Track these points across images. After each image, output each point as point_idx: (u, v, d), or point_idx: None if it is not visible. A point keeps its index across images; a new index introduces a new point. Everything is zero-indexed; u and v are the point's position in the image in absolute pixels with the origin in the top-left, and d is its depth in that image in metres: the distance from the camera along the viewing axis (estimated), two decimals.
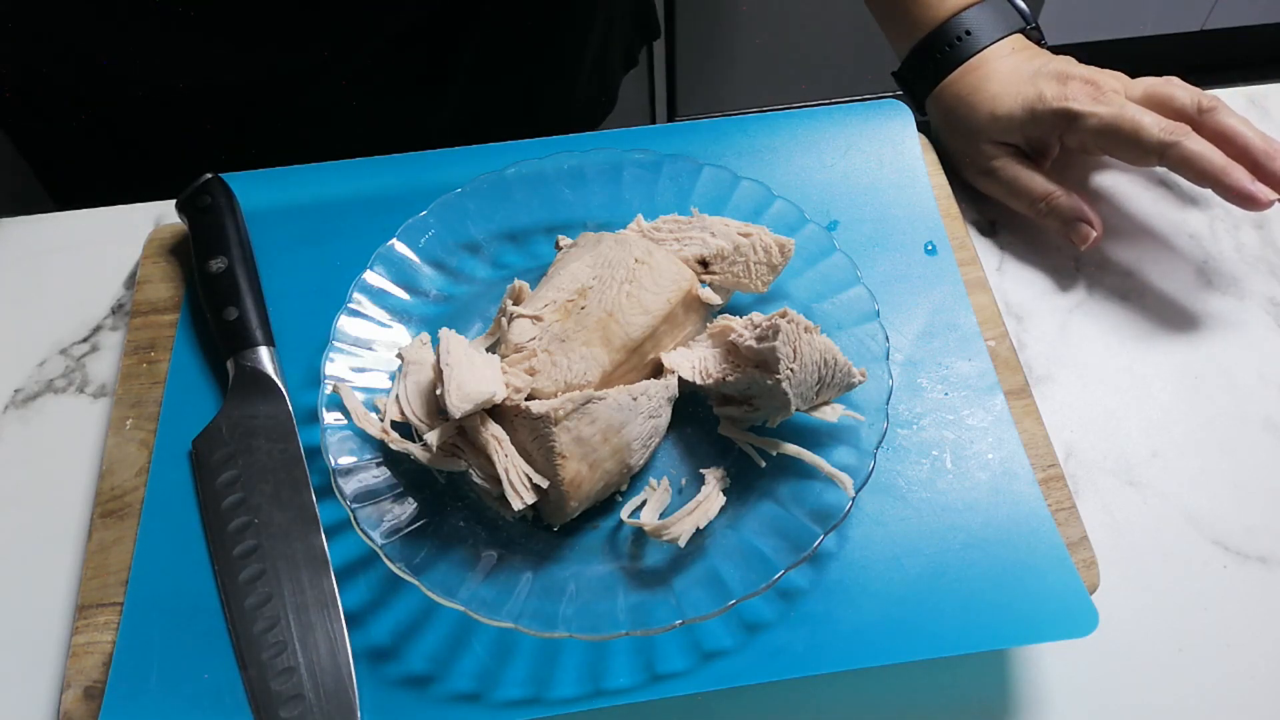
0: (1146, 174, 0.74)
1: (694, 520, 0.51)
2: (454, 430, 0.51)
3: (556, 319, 0.55)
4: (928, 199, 0.67)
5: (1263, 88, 0.80)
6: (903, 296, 0.63)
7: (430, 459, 0.51)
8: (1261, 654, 0.54)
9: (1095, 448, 0.61)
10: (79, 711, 0.50)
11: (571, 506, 0.51)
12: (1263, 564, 0.57)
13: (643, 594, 0.51)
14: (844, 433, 0.55)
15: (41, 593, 0.56)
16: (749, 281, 0.59)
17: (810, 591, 0.52)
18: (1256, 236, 0.71)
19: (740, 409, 0.55)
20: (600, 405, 0.51)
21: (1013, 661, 0.54)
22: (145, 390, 0.61)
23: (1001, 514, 0.54)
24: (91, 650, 0.52)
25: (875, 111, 0.72)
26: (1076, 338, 0.66)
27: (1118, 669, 0.54)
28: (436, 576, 0.49)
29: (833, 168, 0.69)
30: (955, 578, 0.52)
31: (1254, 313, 0.67)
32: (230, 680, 0.50)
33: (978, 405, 0.58)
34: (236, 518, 0.54)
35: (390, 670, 0.50)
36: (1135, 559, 0.57)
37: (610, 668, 0.50)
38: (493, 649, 0.50)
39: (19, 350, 0.66)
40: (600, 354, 0.54)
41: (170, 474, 0.57)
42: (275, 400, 0.58)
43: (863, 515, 0.55)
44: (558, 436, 0.50)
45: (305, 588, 0.52)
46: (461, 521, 0.53)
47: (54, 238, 0.71)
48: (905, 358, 0.60)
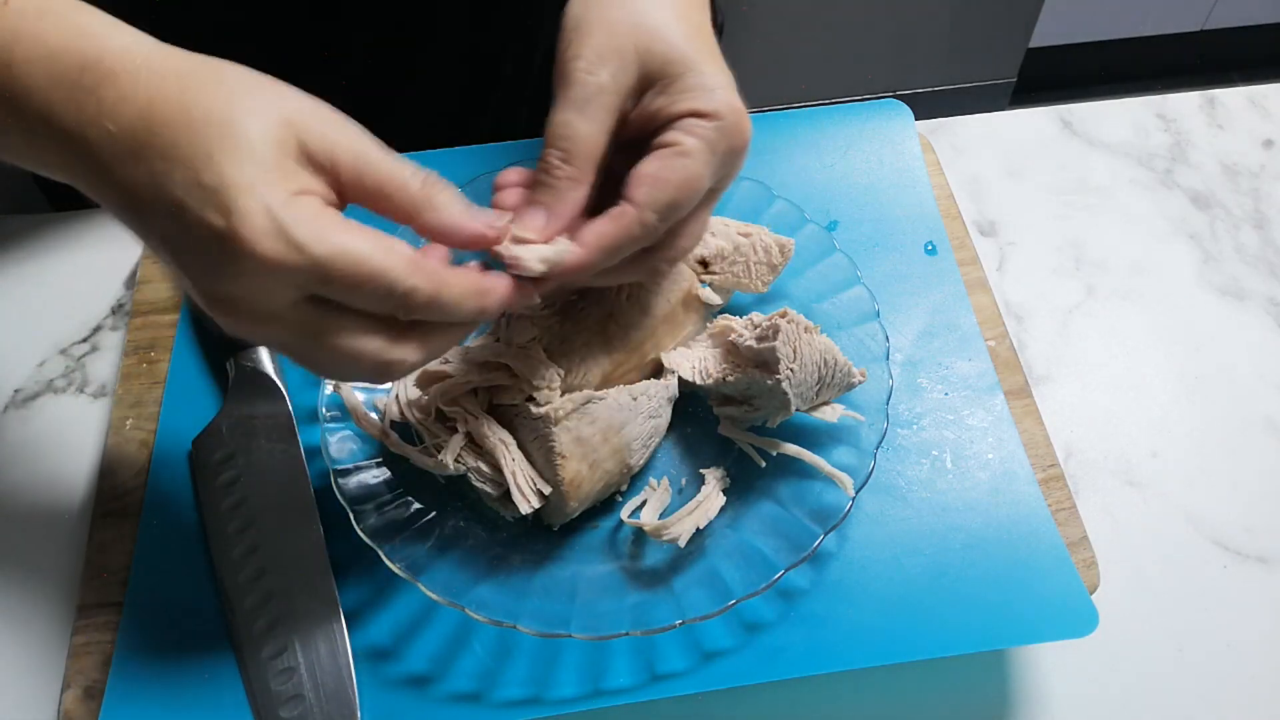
0: (1146, 174, 0.74)
1: (694, 520, 0.51)
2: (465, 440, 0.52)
3: (556, 319, 0.55)
4: (928, 199, 0.67)
5: (1263, 88, 0.80)
6: (903, 296, 0.63)
7: (433, 465, 0.51)
8: (1261, 654, 0.54)
9: (1095, 448, 0.61)
10: (79, 711, 0.50)
11: (571, 506, 0.51)
12: (1263, 564, 0.57)
13: (643, 594, 0.51)
14: (844, 433, 0.55)
15: (41, 593, 0.56)
16: (749, 281, 0.59)
17: (810, 591, 0.52)
18: (1256, 236, 0.71)
19: (740, 409, 0.55)
20: (600, 405, 0.51)
21: (1013, 661, 0.54)
22: (145, 390, 0.61)
23: (1001, 514, 0.54)
24: (91, 650, 0.52)
25: (875, 111, 0.72)
26: (1076, 338, 0.66)
27: (1118, 669, 0.54)
28: (436, 576, 0.49)
29: (833, 168, 0.69)
30: (955, 578, 0.52)
31: (1254, 313, 0.67)
32: (230, 680, 0.50)
33: (978, 405, 0.58)
34: (236, 518, 0.54)
35: (390, 670, 0.50)
36: (1135, 559, 0.57)
37: (610, 668, 0.50)
38: (493, 649, 0.50)
39: (19, 350, 0.66)
40: (600, 354, 0.54)
41: (170, 474, 0.57)
42: (275, 400, 0.58)
43: (863, 515, 0.55)
44: (558, 436, 0.50)
45: (305, 588, 0.52)
46: (461, 521, 0.53)
47: (54, 238, 0.71)
48: (905, 358, 0.60)
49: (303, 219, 0.37)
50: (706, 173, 0.45)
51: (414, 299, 0.39)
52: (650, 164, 0.44)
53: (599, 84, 0.44)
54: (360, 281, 0.38)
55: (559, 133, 0.44)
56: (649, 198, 0.44)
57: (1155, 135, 0.77)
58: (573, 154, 0.44)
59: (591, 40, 0.45)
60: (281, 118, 0.38)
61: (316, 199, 0.38)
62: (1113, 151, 0.76)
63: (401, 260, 0.39)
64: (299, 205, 0.37)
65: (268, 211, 0.36)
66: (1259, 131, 0.77)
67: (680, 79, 0.45)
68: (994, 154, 0.76)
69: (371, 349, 0.40)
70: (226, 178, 0.36)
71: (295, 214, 0.37)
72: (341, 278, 0.37)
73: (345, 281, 0.38)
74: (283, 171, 0.37)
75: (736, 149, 0.46)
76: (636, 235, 0.44)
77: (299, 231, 0.36)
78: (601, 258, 0.44)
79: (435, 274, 0.40)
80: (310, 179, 0.38)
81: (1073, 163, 0.75)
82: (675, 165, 0.44)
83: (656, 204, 0.44)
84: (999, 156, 0.75)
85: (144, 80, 0.38)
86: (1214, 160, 0.75)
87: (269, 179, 0.37)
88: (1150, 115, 0.78)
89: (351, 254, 0.37)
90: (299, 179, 0.38)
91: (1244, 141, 0.76)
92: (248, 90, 0.39)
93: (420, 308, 0.40)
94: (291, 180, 0.37)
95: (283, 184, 0.37)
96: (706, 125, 0.44)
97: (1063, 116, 0.78)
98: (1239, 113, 0.78)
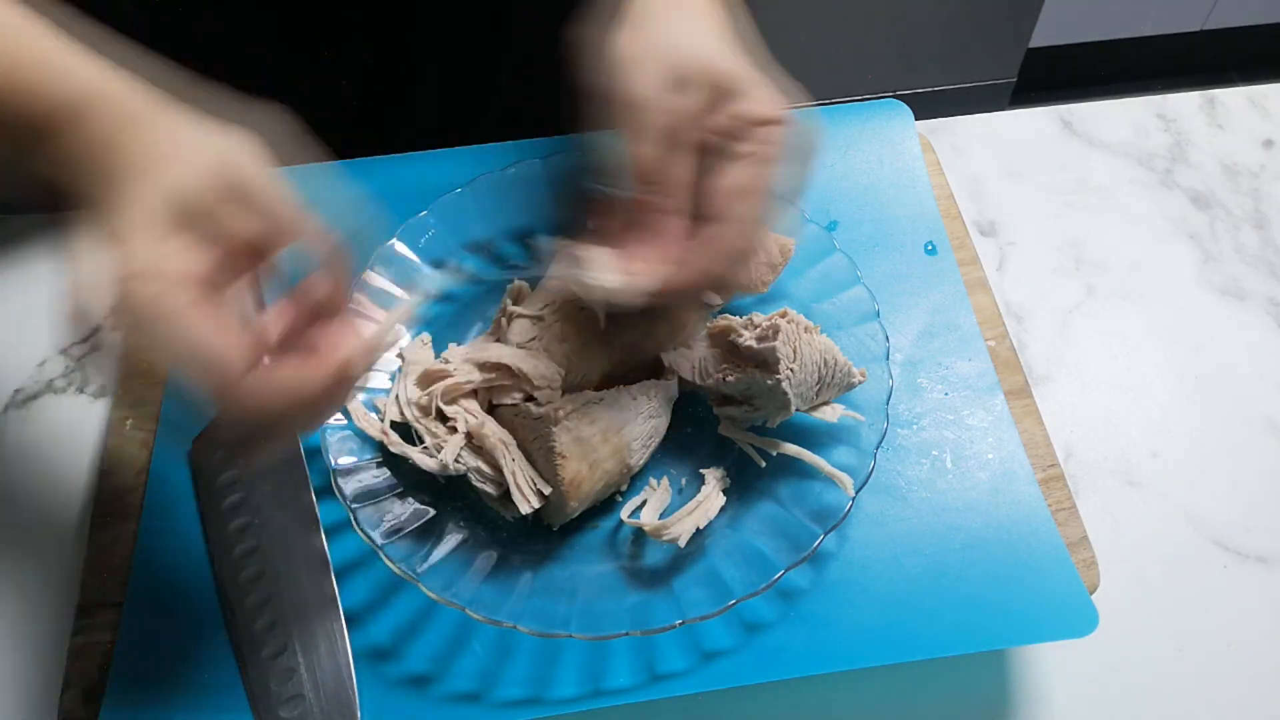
0: (1146, 174, 0.74)
1: (694, 520, 0.51)
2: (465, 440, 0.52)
3: (556, 319, 0.55)
4: (928, 199, 0.67)
5: (1263, 88, 0.80)
6: (903, 296, 0.63)
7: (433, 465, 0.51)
8: (1261, 654, 0.54)
9: (1095, 448, 0.61)
10: (79, 711, 0.50)
11: (571, 506, 0.51)
12: (1263, 564, 0.57)
13: (643, 594, 0.51)
14: (844, 433, 0.55)
15: (41, 593, 0.56)
16: (749, 281, 0.59)
17: (810, 591, 0.52)
18: (1256, 236, 0.71)
19: (740, 409, 0.55)
20: (600, 405, 0.51)
21: (1013, 661, 0.54)
22: (145, 390, 0.61)
23: (1001, 514, 0.54)
24: (91, 650, 0.52)
25: (875, 111, 0.72)
26: (1076, 338, 0.66)
27: (1118, 669, 0.54)
28: (436, 576, 0.49)
29: (833, 168, 0.69)
30: (955, 578, 0.52)
31: (1254, 313, 0.67)
32: (230, 680, 0.50)
33: (978, 405, 0.58)
34: (236, 518, 0.54)
35: (390, 670, 0.50)
36: (1135, 559, 0.57)
37: (610, 668, 0.50)
38: (493, 649, 0.50)
39: (19, 350, 0.66)
40: (600, 354, 0.54)
41: (170, 474, 0.57)
42: None
43: (863, 515, 0.55)
44: (558, 436, 0.50)
45: (305, 588, 0.52)
46: (461, 521, 0.53)
47: (54, 238, 0.71)
48: (905, 358, 0.60)
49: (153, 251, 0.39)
50: (781, 175, 0.46)
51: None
52: (730, 177, 0.45)
53: (677, 112, 0.45)
54: None
55: (653, 168, 0.45)
56: (742, 210, 0.45)
57: (1155, 135, 0.77)
58: (670, 187, 0.45)
59: (652, 71, 0.45)
60: (198, 166, 0.40)
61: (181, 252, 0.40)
62: (1113, 151, 0.76)
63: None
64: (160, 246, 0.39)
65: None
66: (1259, 131, 0.77)
67: (742, 93, 0.45)
68: (994, 154, 0.76)
69: None
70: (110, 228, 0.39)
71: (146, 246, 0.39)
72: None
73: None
74: (154, 232, 0.39)
75: (808, 149, 0.47)
76: (740, 248, 0.46)
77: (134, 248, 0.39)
78: (703, 278, 0.46)
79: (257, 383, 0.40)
80: (181, 242, 0.40)
81: (1073, 163, 0.75)
82: (758, 174, 0.45)
83: (747, 215, 0.45)
84: (999, 156, 0.75)
85: (81, 143, 0.41)
86: (1214, 160, 0.75)
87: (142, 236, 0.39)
88: (1150, 115, 0.78)
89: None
90: (169, 238, 0.40)
91: (1244, 141, 0.76)
92: (167, 148, 0.41)
93: None
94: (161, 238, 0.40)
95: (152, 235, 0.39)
96: (777, 131, 0.45)
97: (1063, 116, 0.78)
98: (1239, 113, 0.78)
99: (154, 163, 0.40)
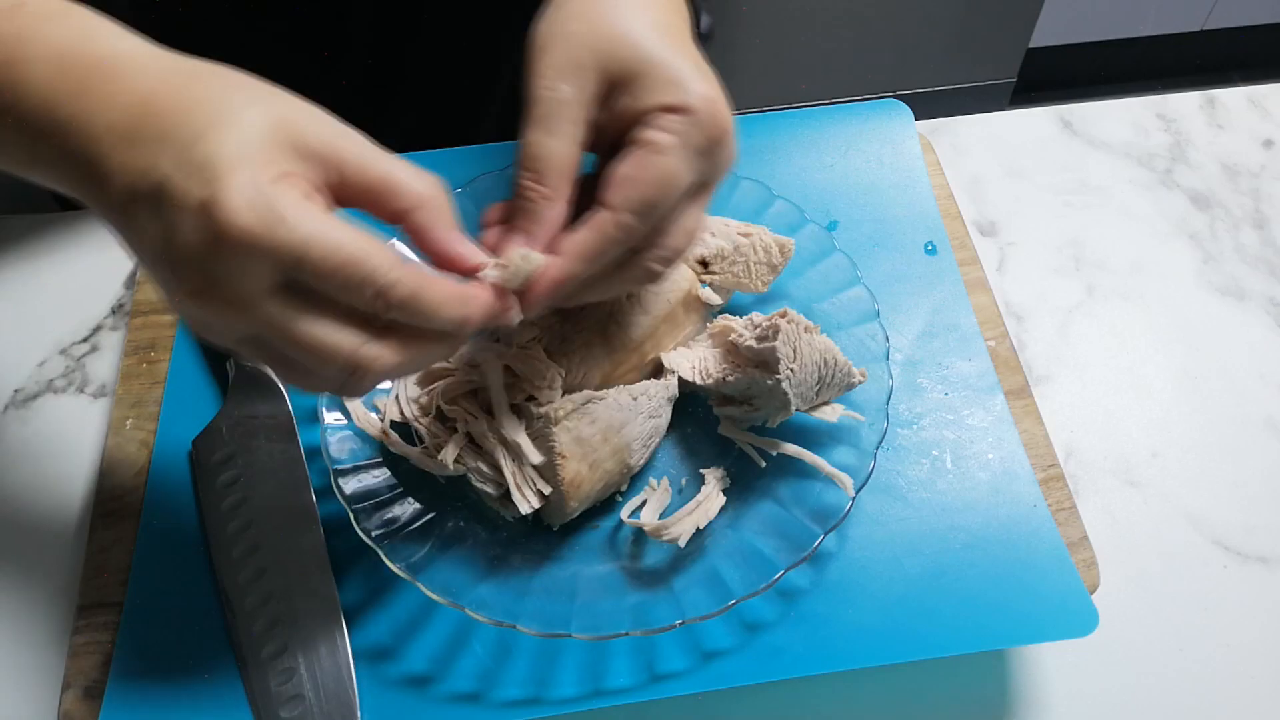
0: (1146, 174, 0.74)
1: (694, 520, 0.51)
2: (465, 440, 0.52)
3: (556, 319, 0.55)
4: (928, 199, 0.67)
5: (1263, 88, 0.80)
6: (903, 296, 0.63)
7: (433, 465, 0.51)
8: (1261, 654, 0.54)
9: (1095, 448, 0.61)
10: (79, 711, 0.50)
11: (571, 506, 0.51)
12: (1263, 564, 0.57)
13: (643, 594, 0.51)
14: (844, 433, 0.55)
15: (41, 593, 0.56)
16: (749, 281, 0.59)
17: (810, 591, 0.52)
18: (1256, 236, 0.71)
19: (740, 409, 0.55)
20: (600, 405, 0.51)
21: (1013, 661, 0.54)
22: (145, 390, 0.61)
23: (1001, 514, 0.54)
24: (91, 650, 0.52)
25: (875, 111, 0.72)
26: (1076, 338, 0.66)
27: (1118, 669, 0.54)
28: (436, 576, 0.49)
29: (833, 168, 0.69)
30: (955, 578, 0.52)
31: (1254, 313, 0.67)
32: (230, 680, 0.50)
33: (978, 405, 0.58)
34: (236, 518, 0.54)
35: (390, 670, 0.50)
36: (1135, 559, 0.57)
37: (610, 668, 0.50)
38: (493, 649, 0.50)
39: (19, 350, 0.66)
40: (600, 354, 0.54)
41: (170, 474, 0.57)
42: (275, 400, 0.58)
43: (863, 515, 0.55)
44: (558, 436, 0.50)
45: (305, 588, 0.52)
46: (461, 521, 0.53)
47: (54, 238, 0.71)
48: (905, 358, 0.60)
49: (287, 198, 0.36)
50: (683, 167, 0.44)
51: (394, 293, 0.38)
52: (622, 164, 0.44)
53: (560, 99, 0.44)
54: (340, 265, 0.37)
55: (528, 153, 0.44)
56: (623, 199, 0.43)
57: (1155, 135, 0.77)
58: (544, 173, 0.44)
59: (551, 57, 0.45)
60: (278, 114, 0.38)
61: (305, 185, 0.38)
62: (1113, 151, 0.76)
63: (385, 252, 0.38)
64: (285, 185, 0.37)
65: (253, 184, 0.35)
66: (1259, 131, 0.77)
67: (646, 77, 0.44)
68: (994, 154, 0.76)
69: (345, 344, 0.39)
70: (214, 154, 0.36)
71: (280, 191, 0.36)
72: (322, 259, 0.37)
73: (325, 264, 0.37)
74: (272, 154, 0.37)
75: (714, 139, 0.45)
76: (616, 238, 0.44)
77: (282, 207, 0.36)
78: (584, 265, 0.44)
79: (418, 272, 0.39)
80: (301, 167, 0.38)
81: (1073, 163, 0.75)
82: (647, 163, 0.44)
83: (631, 204, 0.43)
84: (999, 156, 0.75)
85: (146, 76, 0.38)
86: (1214, 160, 0.75)
87: (258, 158, 0.36)
88: (1150, 115, 0.78)
89: (333, 237, 0.37)
90: (288, 164, 0.37)
91: (1244, 141, 0.76)
92: (248, 88, 0.39)
93: (399, 304, 0.39)
94: (280, 163, 0.37)
95: (271, 165, 0.37)
96: (677, 119, 0.44)
97: (1063, 116, 0.78)
98: (1239, 113, 0.78)
99: (242, 106, 0.38)
